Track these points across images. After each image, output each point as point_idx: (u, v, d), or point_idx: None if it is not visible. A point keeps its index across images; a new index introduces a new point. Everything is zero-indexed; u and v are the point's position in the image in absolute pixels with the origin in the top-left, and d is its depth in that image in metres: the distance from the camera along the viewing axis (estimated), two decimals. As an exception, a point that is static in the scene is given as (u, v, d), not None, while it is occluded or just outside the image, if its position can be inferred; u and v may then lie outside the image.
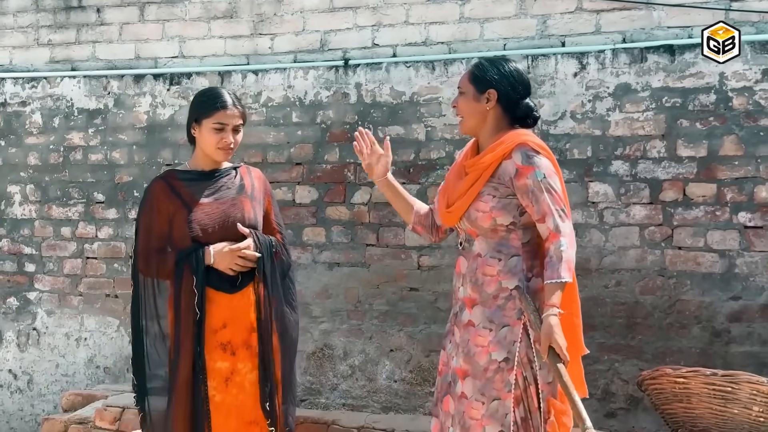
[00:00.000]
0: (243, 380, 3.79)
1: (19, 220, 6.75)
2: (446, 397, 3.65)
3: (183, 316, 3.75)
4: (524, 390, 3.48)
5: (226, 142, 3.82)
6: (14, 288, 6.76)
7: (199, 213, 3.80)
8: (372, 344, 5.81)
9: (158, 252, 3.83)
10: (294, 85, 6.03)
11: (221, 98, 3.84)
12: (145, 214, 3.88)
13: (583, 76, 5.39)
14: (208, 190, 3.85)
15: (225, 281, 3.80)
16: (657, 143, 5.24)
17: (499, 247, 3.53)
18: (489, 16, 5.60)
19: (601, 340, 5.31)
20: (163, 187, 3.87)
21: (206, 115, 3.81)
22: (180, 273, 3.76)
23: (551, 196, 3.41)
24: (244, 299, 3.83)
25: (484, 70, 3.59)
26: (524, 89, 3.62)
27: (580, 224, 5.35)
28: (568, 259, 3.37)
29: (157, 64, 6.42)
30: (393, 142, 5.67)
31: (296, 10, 6.04)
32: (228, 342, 3.78)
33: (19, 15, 6.78)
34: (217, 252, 3.76)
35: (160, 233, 3.83)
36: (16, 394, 6.74)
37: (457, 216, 3.60)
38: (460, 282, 3.65)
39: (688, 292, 5.19)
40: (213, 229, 3.78)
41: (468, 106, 3.60)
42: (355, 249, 5.87)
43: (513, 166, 3.46)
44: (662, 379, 4.50)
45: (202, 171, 3.91)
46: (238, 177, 3.94)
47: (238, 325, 3.81)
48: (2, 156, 6.79)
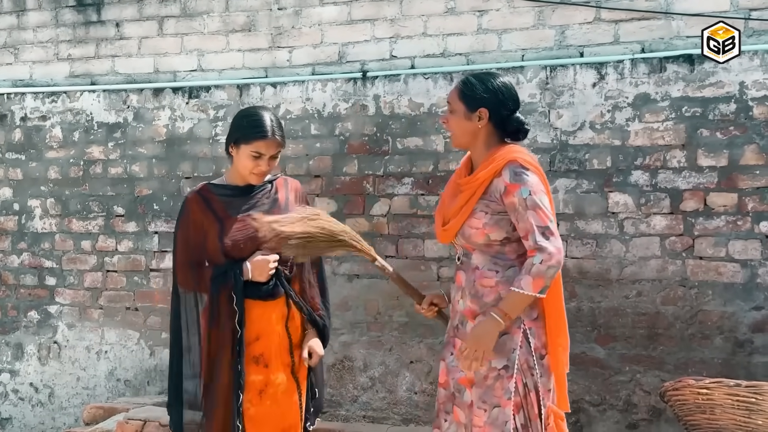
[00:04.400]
0: (276, 392, 3.79)
1: (39, 234, 6.78)
2: (455, 408, 3.67)
3: (221, 331, 3.74)
4: (524, 397, 3.51)
5: (262, 170, 3.79)
6: (35, 301, 6.79)
7: (231, 228, 3.78)
8: (392, 356, 5.81)
9: (196, 265, 3.82)
10: (312, 98, 6.05)
11: (263, 127, 3.76)
12: (182, 228, 3.87)
13: (602, 86, 5.38)
14: (242, 205, 3.83)
15: (260, 289, 3.78)
16: (677, 153, 5.23)
17: (495, 259, 3.56)
18: (507, 27, 5.60)
19: (622, 351, 5.29)
20: (198, 201, 3.85)
21: (245, 141, 3.76)
22: (217, 288, 3.74)
23: (535, 214, 3.42)
24: (277, 309, 3.84)
25: (474, 88, 3.59)
26: (514, 104, 3.62)
27: (600, 234, 5.34)
28: (537, 273, 3.38)
29: (176, 77, 6.45)
30: (411, 153, 5.74)
31: (314, 22, 6.06)
32: (261, 354, 3.78)
33: (38, 30, 6.83)
34: (254, 267, 3.75)
35: (196, 246, 3.82)
36: (37, 407, 6.77)
37: (452, 234, 3.63)
38: (459, 295, 3.67)
39: (710, 302, 5.16)
40: (245, 245, 3.77)
41: (459, 125, 3.62)
42: (374, 261, 5.86)
43: (502, 183, 3.47)
44: (685, 390, 4.47)
45: (237, 186, 3.88)
46: (273, 190, 3.92)
47: (271, 337, 3.81)
48: (23, 170, 6.83)
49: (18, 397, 6.84)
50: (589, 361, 5.34)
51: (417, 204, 5.76)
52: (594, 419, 5.35)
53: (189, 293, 3.87)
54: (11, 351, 6.85)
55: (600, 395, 5.34)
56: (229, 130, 3.89)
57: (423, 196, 5.77)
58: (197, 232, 3.82)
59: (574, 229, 5.40)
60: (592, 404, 5.35)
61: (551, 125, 5.46)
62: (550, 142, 5.45)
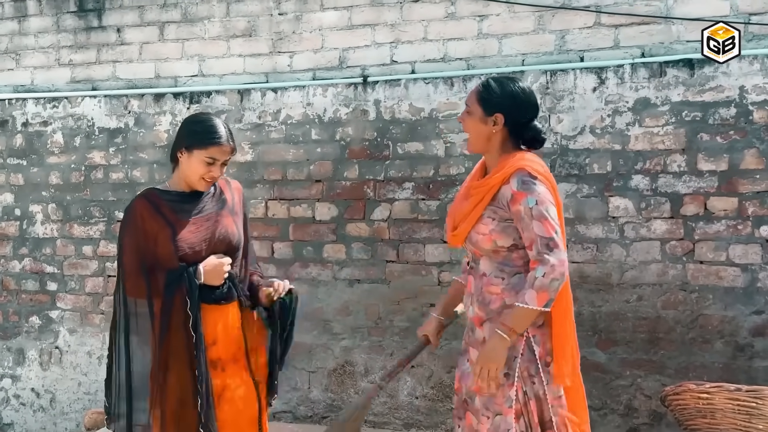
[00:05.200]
0: (233, 396, 3.77)
1: (41, 239, 6.79)
2: (467, 414, 3.67)
3: (175, 337, 3.67)
4: (524, 405, 3.51)
5: (214, 176, 3.77)
6: (36, 307, 6.80)
7: (184, 232, 3.73)
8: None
9: (147, 271, 3.71)
10: (313, 103, 6.06)
11: (217, 133, 3.75)
12: (129, 234, 3.76)
13: (602, 90, 5.38)
14: (191, 208, 3.78)
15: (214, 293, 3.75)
16: (677, 157, 5.23)
17: (502, 266, 3.55)
18: (507, 32, 5.61)
19: (623, 355, 5.29)
20: (146, 205, 3.77)
21: (199, 146, 3.72)
22: (172, 293, 3.67)
23: (540, 224, 3.40)
24: (232, 312, 3.81)
25: (492, 92, 3.56)
26: (532, 111, 3.60)
27: (601, 239, 5.34)
28: (540, 287, 3.36)
29: (177, 82, 6.46)
30: (412, 158, 5.75)
31: (315, 27, 6.07)
32: (218, 358, 3.75)
33: (40, 36, 6.84)
34: (207, 270, 3.72)
35: (147, 252, 3.72)
36: (38, 412, 6.77)
37: (461, 238, 3.63)
38: (469, 302, 3.68)
39: (711, 306, 5.16)
40: (201, 248, 3.73)
41: (475, 127, 3.60)
42: (375, 265, 5.87)
43: (510, 191, 3.46)
44: (685, 394, 4.47)
45: (183, 192, 3.83)
46: (218, 191, 3.90)
47: (228, 340, 3.79)
48: (24, 175, 6.85)
49: (20, 403, 6.84)
50: (589, 365, 5.32)
51: (418, 209, 5.76)
52: (595, 424, 5.34)
53: (140, 300, 3.75)
54: (13, 356, 6.86)
55: (601, 399, 5.33)
56: (179, 135, 3.83)
57: (424, 200, 5.78)
58: (147, 238, 3.73)
59: (574, 233, 5.40)
60: (593, 408, 5.33)
61: (552, 130, 5.46)
62: (550, 146, 5.45)
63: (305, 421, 5.94)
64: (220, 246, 3.78)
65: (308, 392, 6.02)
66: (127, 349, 3.79)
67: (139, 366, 3.77)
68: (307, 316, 5.99)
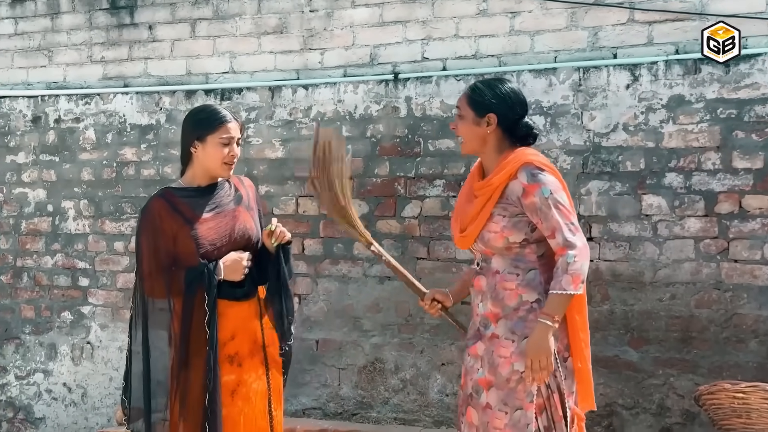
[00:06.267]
0: (248, 391, 3.80)
1: (73, 235, 6.84)
2: (468, 409, 3.71)
3: (195, 335, 3.71)
4: (547, 399, 3.55)
5: (233, 155, 3.82)
6: (68, 302, 6.85)
7: (203, 229, 3.77)
8: (423, 358, 5.80)
9: (166, 272, 3.74)
10: (344, 99, 6.06)
11: (221, 113, 3.85)
12: (147, 235, 3.78)
13: (635, 87, 5.34)
14: (208, 205, 3.82)
15: (235, 289, 3.80)
16: (712, 155, 5.18)
17: (516, 262, 3.61)
18: (539, 28, 5.58)
19: (655, 354, 5.26)
20: (164, 205, 3.80)
21: (210, 131, 3.79)
22: (193, 291, 3.71)
23: (559, 212, 3.49)
24: (252, 308, 3.86)
25: (482, 94, 3.67)
26: (522, 109, 3.71)
27: (634, 237, 5.31)
28: (574, 271, 3.44)
29: (208, 79, 6.48)
30: (443, 155, 5.74)
31: (346, 24, 6.06)
32: (235, 353, 3.79)
33: (72, 33, 6.88)
34: (227, 266, 3.76)
35: (166, 252, 3.75)
36: (70, 407, 6.82)
37: (471, 240, 3.68)
38: (479, 299, 3.72)
39: (745, 305, 5.11)
40: (221, 243, 3.78)
41: (468, 130, 3.68)
42: (405, 263, 5.83)
43: (519, 185, 3.54)
44: (720, 394, 4.45)
45: (198, 187, 3.87)
46: (233, 188, 3.94)
47: (246, 335, 3.83)
48: (57, 171, 6.89)
49: (51, 397, 6.90)
50: (622, 364, 5.30)
51: (448, 206, 5.75)
52: (627, 423, 5.31)
53: (159, 300, 3.78)
54: (45, 351, 6.91)
55: (633, 399, 5.30)
56: (185, 132, 3.89)
57: (454, 197, 5.75)
58: (166, 237, 3.76)
59: (607, 231, 5.37)
60: (625, 408, 5.32)
61: (584, 127, 5.43)
62: (583, 144, 5.42)
63: (335, 418, 5.95)
64: (239, 242, 3.83)
65: (338, 389, 6.02)
66: (146, 345, 3.83)
67: (159, 362, 3.81)
68: (337, 313, 6.01)
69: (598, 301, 5.34)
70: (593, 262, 5.33)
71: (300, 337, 5.90)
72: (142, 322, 3.83)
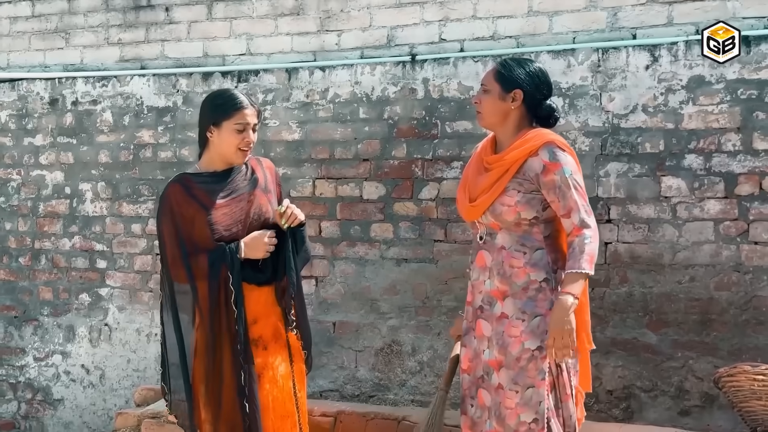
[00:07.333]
0: (275, 374, 3.81)
1: (90, 218, 6.85)
2: (480, 391, 3.73)
3: (221, 316, 3.73)
4: (557, 377, 3.60)
5: (248, 141, 3.81)
6: (86, 284, 6.87)
7: (218, 214, 3.78)
8: (440, 340, 5.79)
9: (189, 256, 3.77)
10: (361, 81, 6.03)
11: (238, 98, 3.83)
12: (167, 221, 3.82)
13: (655, 68, 5.30)
14: (223, 190, 3.82)
15: (258, 276, 3.82)
16: (732, 136, 5.13)
17: (523, 240, 3.64)
18: (558, 9, 5.53)
19: (674, 336, 5.23)
20: (179, 190, 3.83)
21: (226, 117, 3.79)
22: (217, 273, 3.72)
23: (578, 192, 3.56)
24: (272, 293, 3.87)
25: (511, 70, 3.72)
26: (548, 90, 3.77)
27: (653, 219, 5.27)
28: (590, 251, 3.51)
29: (225, 61, 6.47)
30: (460, 137, 5.72)
31: (363, 6, 6.04)
32: (259, 337, 3.81)
33: (89, 15, 6.88)
34: (247, 243, 3.77)
35: (186, 237, 3.78)
36: (88, 388, 6.86)
37: (481, 210, 3.69)
38: (486, 275, 3.74)
39: (765, 287, 5.07)
40: (237, 228, 3.79)
41: (492, 104, 3.71)
42: (422, 245, 5.85)
43: (540, 162, 3.58)
44: (740, 376, 4.42)
45: (215, 172, 3.88)
46: (249, 171, 3.93)
47: (269, 319, 3.84)
48: (74, 154, 6.91)
49: (70, 379, 6.93)
50: (640, 346, 5.28)
51: (466, 188, 5.72)
52: (645, 405, 5.29)
53: (183, 285, 3.82)
54: (63, 333, 6.94)
55: (652, 381, 5.28)
56: (202, 116, 3.89)
57: (472, 180, 5.73)
58: (185, 222, 3.78)
59: (625, 213, 5.33)
60: (643, 390, 5.29)
61: (603, 108, 5.39)
62: (601, 125, 5.39)
63: (352, 400, 5.95)
64: (255, 225, 3.84)
65: (355, 371, 6.03)
66: (179, 331, 3.85)
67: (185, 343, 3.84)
68: (354, 295, 6.00)
69: (616, 283, 5.32)
70: (612, 244, 5.31)
71: (317, 320, 5.92)
72: (170, 302, 3.87)
